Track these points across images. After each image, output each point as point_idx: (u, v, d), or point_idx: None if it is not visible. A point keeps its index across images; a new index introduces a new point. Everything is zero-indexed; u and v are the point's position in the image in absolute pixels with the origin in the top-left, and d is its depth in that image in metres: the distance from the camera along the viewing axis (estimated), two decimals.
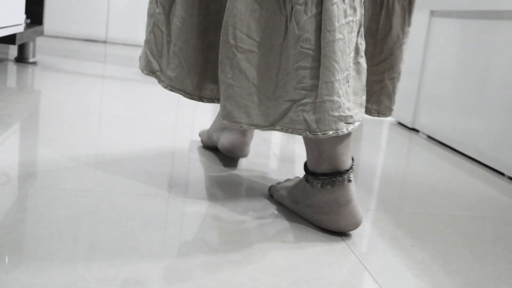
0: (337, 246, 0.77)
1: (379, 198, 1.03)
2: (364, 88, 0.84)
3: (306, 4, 0.75)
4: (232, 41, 0.78)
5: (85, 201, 0.82)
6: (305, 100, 0.77)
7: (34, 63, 2.24)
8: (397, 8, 1.00)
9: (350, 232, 0.83)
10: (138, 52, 3.35)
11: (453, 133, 1.56)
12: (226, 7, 0.78)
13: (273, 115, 0.80)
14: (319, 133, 0.77)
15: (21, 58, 2.22)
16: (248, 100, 0.79)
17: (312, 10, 0.76)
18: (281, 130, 0.80)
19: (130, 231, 0.73)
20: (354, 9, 0.78)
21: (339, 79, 0.76)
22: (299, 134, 0.78)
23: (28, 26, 2.14)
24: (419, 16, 1.78)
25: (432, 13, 1.72)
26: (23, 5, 1.91)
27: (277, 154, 1.27)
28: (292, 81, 0.78)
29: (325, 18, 0.75)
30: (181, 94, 0.89)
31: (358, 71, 0.82)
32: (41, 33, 2.26)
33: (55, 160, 1.00)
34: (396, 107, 1.92)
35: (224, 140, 1.12)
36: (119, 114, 1.49)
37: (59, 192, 0.85)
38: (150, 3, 0.92)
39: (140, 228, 0.75)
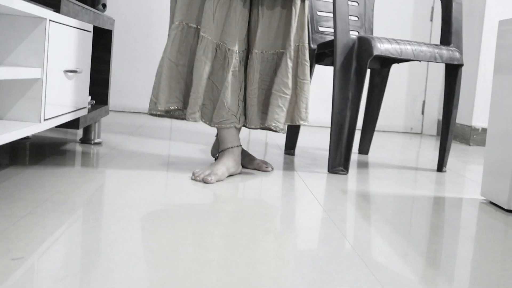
0: None
1: None
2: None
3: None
4: None
5: None
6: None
7: (99, 143, 2.19)
8: None
9: None
10: (201, 126, 3.29)
11: None
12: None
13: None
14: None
15: (86, 139, 2.17)
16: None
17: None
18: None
19: None
20: None
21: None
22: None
23: (92, 107, 2.10)
24: (510, 78, 1.61)
25: None
26: (87, 88, 1.87)
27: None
28: None
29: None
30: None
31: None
32: (106, 113, 2.22)
33: (121, 263, 0.89)
34: (486, 183, 1.72)
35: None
36: (187, 203, 1.38)
37: None
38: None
39: None
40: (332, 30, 2.31)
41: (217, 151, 1.88)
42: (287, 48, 1.80)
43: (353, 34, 2.06)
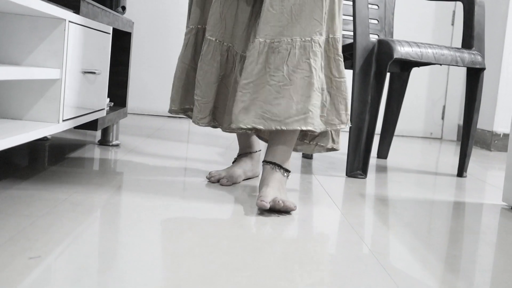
0: None
1: None
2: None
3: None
4: None
5: None
6: None
7: (117, 145, 2.20)
8: None
9: None
10: (219, 129, 3.29)
11: None
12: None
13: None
14: None
15: (104, 141, 2.18)
16: None
17: None
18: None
19: None
20: None
21: None
22: None
23: (111, 109, 2.11)
24: None
25: None
26: (106, 90, 1.87)
27: None
28: None
29: None
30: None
31: None
32: (124, 115, 2.23)
33: (138, 265, 0.88)
34: (508, 188, 1.69)
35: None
36: (203, 206, 1.37)
37: None
38: None
39: None
40: (351, 33, 2.29)
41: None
42: (313, 37, 1.46)
43: (373, 38, 2.04)
